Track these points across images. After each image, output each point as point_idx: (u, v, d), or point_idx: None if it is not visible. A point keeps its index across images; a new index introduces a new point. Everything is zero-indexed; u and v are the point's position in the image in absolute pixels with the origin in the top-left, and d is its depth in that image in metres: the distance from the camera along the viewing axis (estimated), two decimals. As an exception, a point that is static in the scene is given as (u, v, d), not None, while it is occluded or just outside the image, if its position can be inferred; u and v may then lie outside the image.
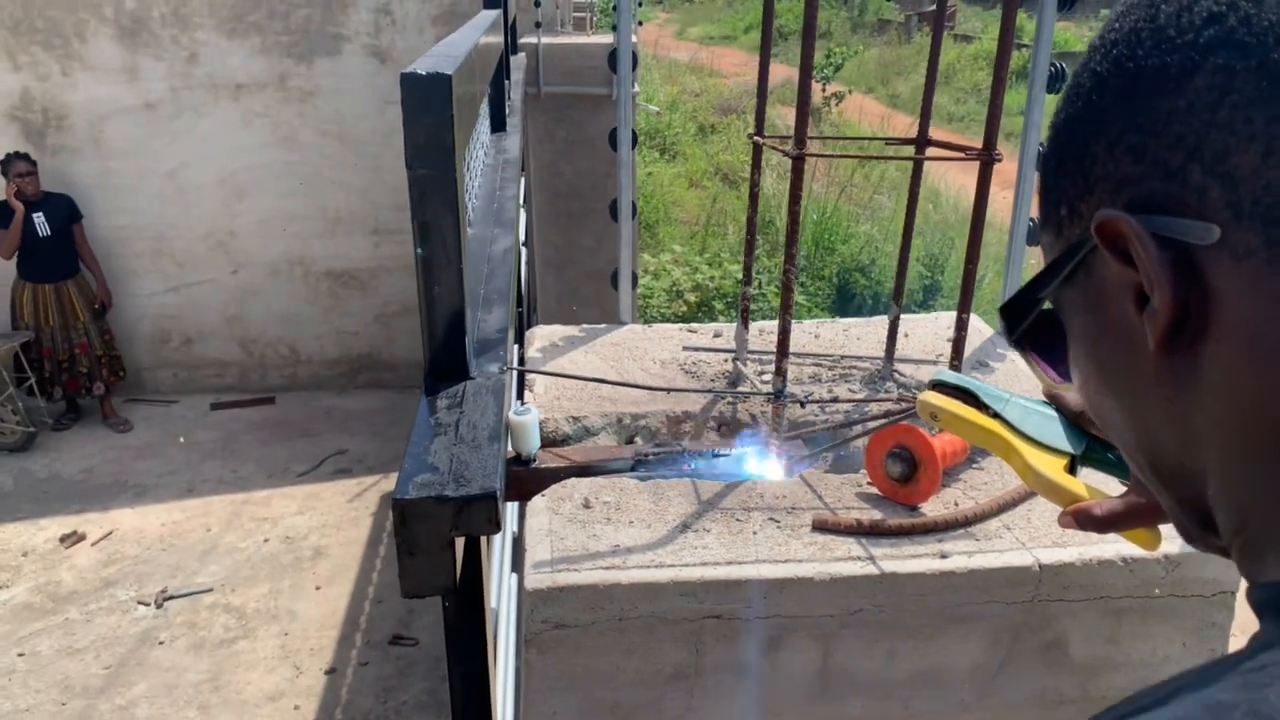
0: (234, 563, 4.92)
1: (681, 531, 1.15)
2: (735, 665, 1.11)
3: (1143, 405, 0.50)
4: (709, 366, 1.59)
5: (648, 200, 11.08)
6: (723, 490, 1.26)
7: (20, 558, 4.93)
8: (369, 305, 6.68)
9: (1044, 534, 1.19)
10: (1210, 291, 0.44)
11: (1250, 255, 0.43)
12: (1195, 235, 0.44)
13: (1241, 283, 0.43)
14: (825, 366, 1.58)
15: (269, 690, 4.10)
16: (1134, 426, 0.52)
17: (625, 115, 1.98)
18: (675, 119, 13.87)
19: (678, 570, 1.09)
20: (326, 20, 6.06)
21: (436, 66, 1.27)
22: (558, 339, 1.70)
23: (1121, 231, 0.46)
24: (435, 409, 1.27)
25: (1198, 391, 0.46)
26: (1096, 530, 0.85)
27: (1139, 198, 0.46)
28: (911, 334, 1.75)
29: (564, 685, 1.11)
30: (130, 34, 5.94)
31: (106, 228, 6.21)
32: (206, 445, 6.04)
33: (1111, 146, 0.48)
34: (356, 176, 6.32)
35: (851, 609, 1.09)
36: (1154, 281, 0.45)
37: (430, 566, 1.10)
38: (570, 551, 1.14)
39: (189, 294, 6.52)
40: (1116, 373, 0.51)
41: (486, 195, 2.41)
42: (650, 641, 1.08)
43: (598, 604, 1.07)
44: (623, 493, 1.24)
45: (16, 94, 5.96)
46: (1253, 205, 0.42)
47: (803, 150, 1.16)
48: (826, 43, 20.21)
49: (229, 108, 6.15)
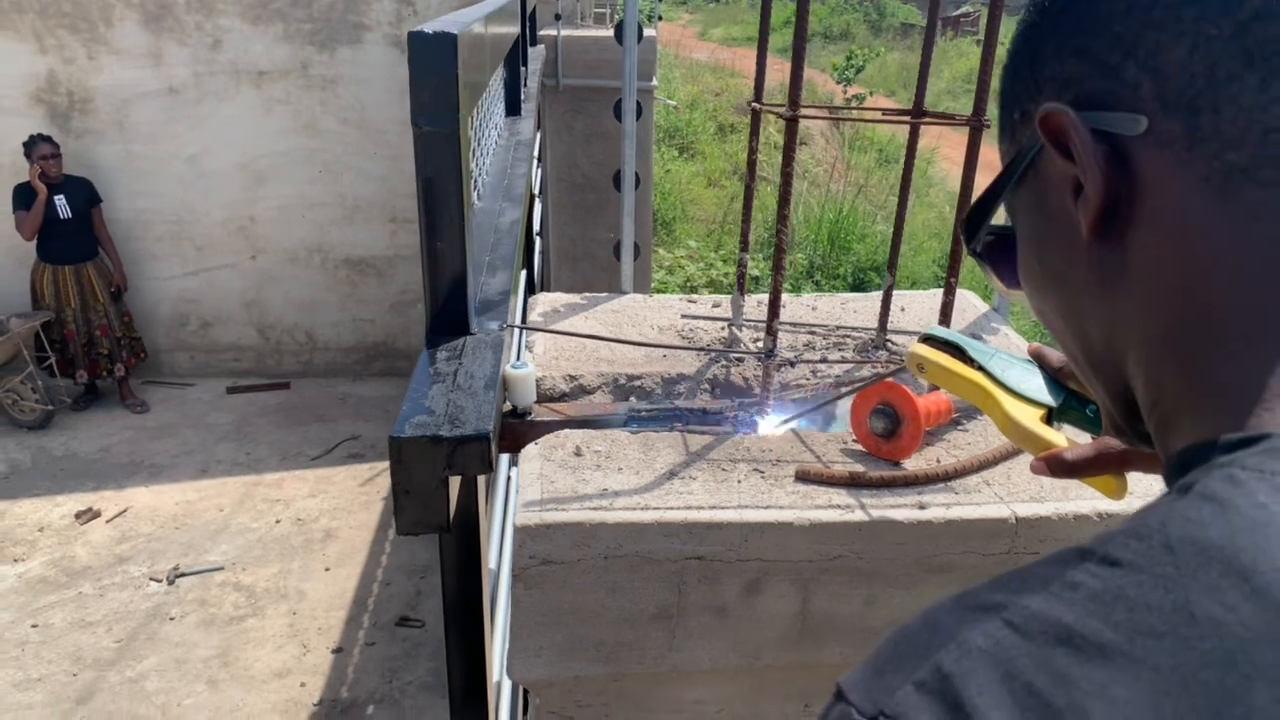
0: (245, 542, 4.97)
1: (668, 478, 1.19)
2: (716, 607, 1.14)
3: (1077, 297, 0.54)
4: (705, 333, 1.62)
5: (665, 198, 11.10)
6: (711, 443, 1.29)
7: (36, 533, 5.00)
8: (385, 293, 6.74)
9: (1022, 489, 1.22)
10: (1137, 180, 0.48)
11: (1173, 143, 0.46)
12: (1126, 126, 0.47)
13: (1165, 170, 0.47)
14: (820, 336, 1.61)
15: (276, 667, 4.15)
16: (1069, 320, 0.56)
17: (630, 85, 2.02)
18: (695, 118, 13.88)
19: (662, 512, 1.12)
20: (349, 9, 6.12)
21: (444, 27, 1.31)
22: (560, 305, 1.74)
23: (1061, 124, 0.49)
24: (435, 360, 1.31)
25: (1124, 278, 0.50)
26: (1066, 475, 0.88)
27: (1081, 95, 0.50)
28: (909, 308, 1.77)
29: (550, 621, 1.14)
30: (155, 19, 6.01)
31: (128, 211, 6.29)
32: (222, 428, 6.11)
33: (1059, 49, 0.51)
34: (375, 165, 6.38)
35: (830, 555, 1.12)
36: (1086, 169, 0.48)
37: (424, 505, 1.14)
38: (560, 493, 1.17)
39: (208, 278, 6.59)
40: (1055, 268, 0.55)
41: (498, 173, 2.45)
42: (635, 580, 1.12)
43: (584, 541, 1.10)
44: (614, 443, 1.28)
45: (43, 77, 6.04)
46: (1177, 97, 0.46)
47: (796, 112, 1.19)
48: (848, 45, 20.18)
49: (251, 94, 6.22)
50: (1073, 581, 0.37)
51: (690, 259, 9.44)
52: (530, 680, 1.19)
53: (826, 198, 11.21)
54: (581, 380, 1.45)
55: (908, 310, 1.74)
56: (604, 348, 1.51)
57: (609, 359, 1.50)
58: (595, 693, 1.23)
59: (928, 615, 0.41)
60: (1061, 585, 0.37)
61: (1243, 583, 0.34)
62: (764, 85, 1.43)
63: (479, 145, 2.14)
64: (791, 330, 1.60)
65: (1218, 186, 0.45)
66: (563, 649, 1.15)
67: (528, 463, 1.23)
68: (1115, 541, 0.38)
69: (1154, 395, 0.50)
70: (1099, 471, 0.87)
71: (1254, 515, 0.36)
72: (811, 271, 9.98)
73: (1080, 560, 0.38)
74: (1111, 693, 0.34)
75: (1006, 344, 1.63)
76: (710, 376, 1.47)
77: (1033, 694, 0.34)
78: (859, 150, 13.91)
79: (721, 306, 1.72)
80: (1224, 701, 0.32)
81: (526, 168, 2.52)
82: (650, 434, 1.29)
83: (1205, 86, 0.45)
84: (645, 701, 1.25)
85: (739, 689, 1.23)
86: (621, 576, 1.10)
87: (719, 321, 1.65)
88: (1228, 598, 0.34)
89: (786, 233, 1.21)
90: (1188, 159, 0.46)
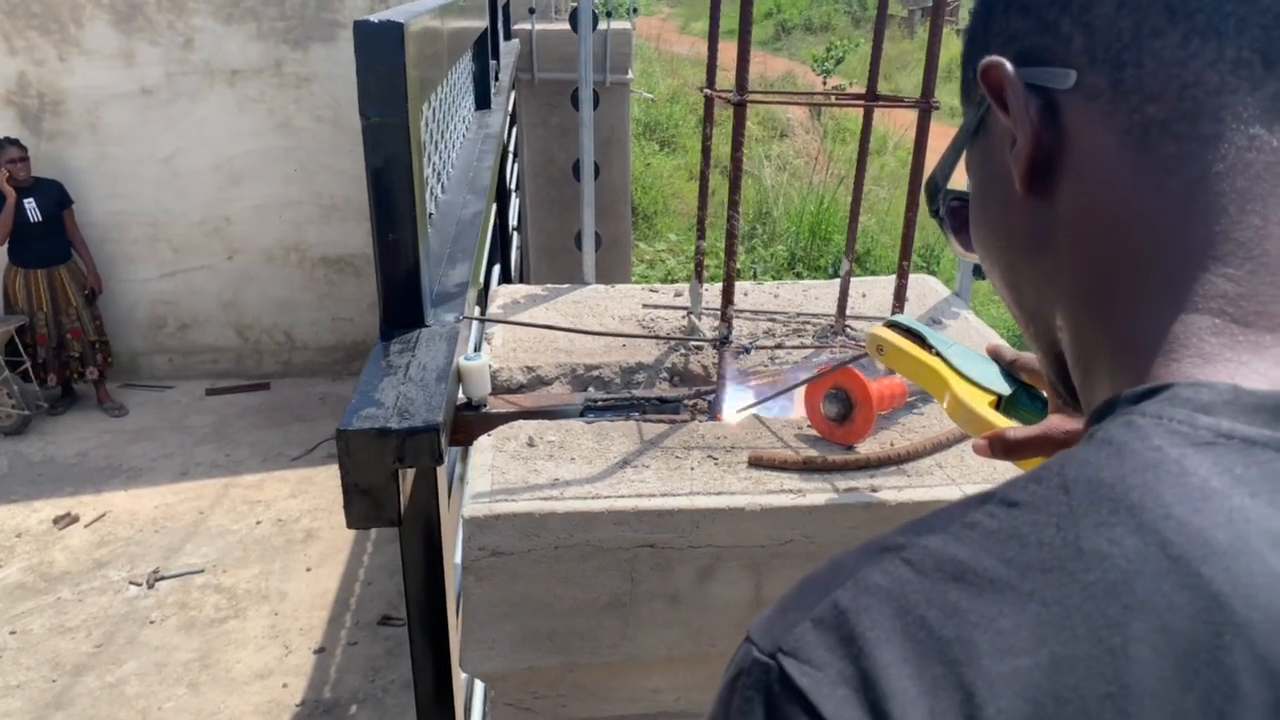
0: (226, 544, 4.95)
1: (621, 467, 1.18)
2: (669, 594, 1.13)
3: (1015, 254, 0.54)
4: (666, 322, 1.62)
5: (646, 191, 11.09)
6: (665, 431, 1.28)
7: (14, 539, 4.96)
8: (364, 292, 6.71)
9: (975, 472, 1.21)
10: (1066, 133, 0.49)
11: (1099, 96, 0.47)
12: (1057, 80, 0.48)
13: (1090, 123, 0.48)
14: (780, 323, 1.60)
15: (258, 669, 4.13)
16: (1007, 278, 0.56)
17: (586, 75, 2.01)
18: (676, 111, 13.87)
19: (613, 500, 1.11)
20: (322, 7, 6.08)
21: (392, 17, 1.30)
22: (520, 296, 1.73)
23: (998, 77, 0.50)
24: (388, 352, 1.30)
25: (1052, 233, 0.50)
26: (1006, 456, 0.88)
27: (1021, 51, 0.51)
28: (869, 294, 1.77)
29: (502, 613, 1.13)
30: (126, 19, 5.96)
31: (102, 213, 6.24)
32: (201, 430, 6.07)
33: (1007, 6, 0.52)
34: (352, 163, 6.34)
35: (782, 540, 1.11)
36: (1017, 121, 0.49)
37: (374, 499, 1.13)
38: (510, 484, 1.16)
39: (185, 279, 6.55)
40: (996, 225, 0.56)
41: (464, 166, 2.43)
42: (586, 570, 1.11)
43: (533, 532, 1.09)
44: (568, 434, 1.27)
45: (13, 79, 5.99)
46: (1105, 50, 0.47)
47: (744, 97, 1.18)
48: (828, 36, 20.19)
49: (225, 93, 6.18)
50: (971, 522, 0.39)
51: (671, 252, 9.43)
52: (484, 673, 1.18)
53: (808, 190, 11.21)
54: (539, 371, 1.44)
55: (869, 296, 1.74)
56: (563, 339, 1.50)
57: (567, 349, 1.49)
58: (551, 684, 1.22)
59: (834, 559, 0.42)
60: (960, 526, 0.39)
61: (1130, 519, 0.36)
62: (715, 72, 1.42)
63: (442, 138, 2.13)
64: (751, 318, 1.60)
65: (1137, 139, 0.46)
66: (515, 641, 1.14)
67: (479, 454, 1.22)
68: (1015, 485, 0.40)
69: (1077, 351, 0.51)
70: (1040, 453, 0.87)
71: (1147, 457, 0.38)
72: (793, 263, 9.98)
73: (981, 504, 0.39)
74: (999, 624, 0.35)
75: (967, 328, 1.63)
76: (669, 365, 1.47)
77: (924, 627, 0.36)
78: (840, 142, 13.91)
79: (683, 296, 1.71)
80: (1105, 630, 0.34)
81: (493, 160, 2.51)
82: (606, 423, 1.28)
83: (1131, 40, 0.46)
84: (602, 691, 1.24)
85: (695, 677, 1.23)
86: (572, 566, 1.09)
87: (679, 310, 1.64)
88: (1114, 533, 0.35)
89: (738, 219, 1.20)
90: (1111, 112, 0.47)
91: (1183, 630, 0.33)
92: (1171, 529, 0.35)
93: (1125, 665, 0.33)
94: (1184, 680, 0.33)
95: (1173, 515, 0.35)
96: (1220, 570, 0.34)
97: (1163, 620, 0.34)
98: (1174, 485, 0.36)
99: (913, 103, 1.29)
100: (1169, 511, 0.36)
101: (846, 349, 1.43)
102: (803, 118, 14.60)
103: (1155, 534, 0.35)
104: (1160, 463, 0.37)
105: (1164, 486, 0.36)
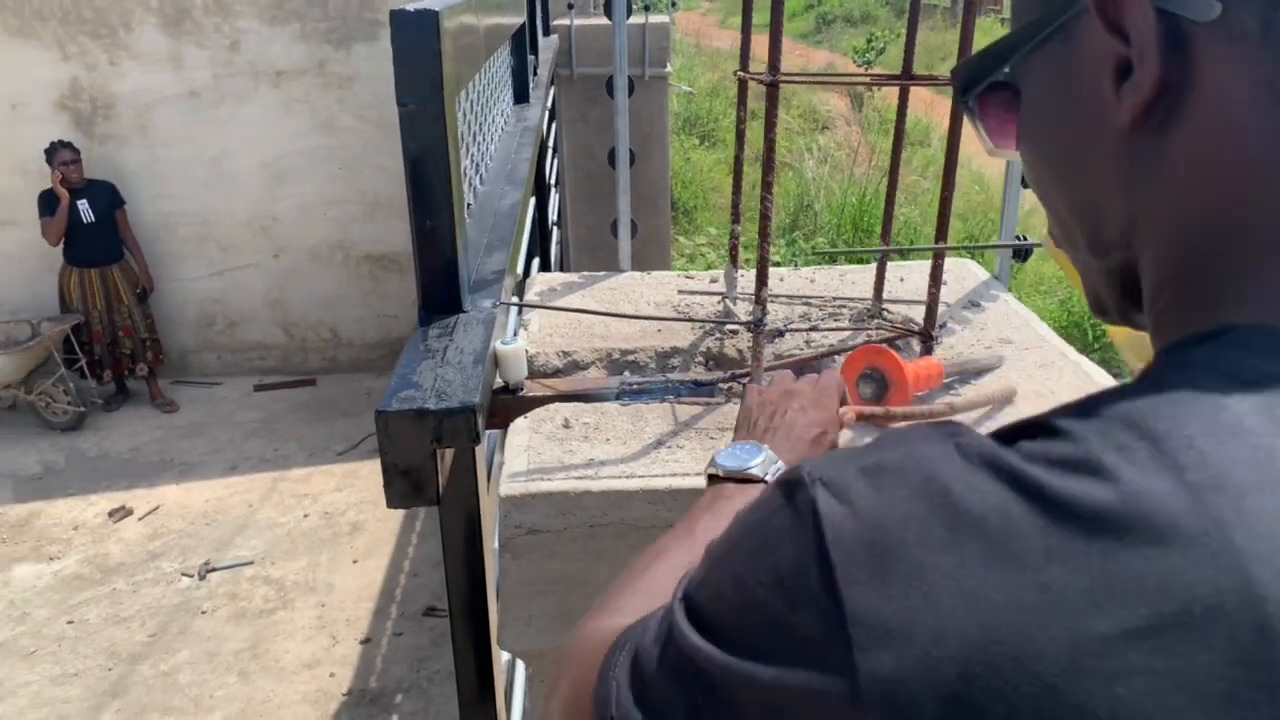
0: (274, 537, 5.03)
1: (655, 448, 1.19)
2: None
3: (1095, 178, 0.50)
4: (701, 308, 1.62)
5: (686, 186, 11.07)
6: (700, 413, 1.29)
7: (71, 531, 5.09)
8: (408, 289, 6.78)
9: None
10: (1195, 72, 0.44)
11: (1244, 38, 0.42)
12: (1197, 10, 0.43)
13: (1228, 65, 0.43)
14: (816, 307, 1.60)
15: (306, 658, 4.20)
16: (1078, 198, 0.53)
17: (621, 63, 2.02)
18: (716, 105, 13.82)
19: (647, 480, 1.12)
20: (364, 6, 6.15)
21: (425, 5, 1.32)
22: (556, 284, 1.74)
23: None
24: (426, 337, 1.32)
25: (1155, 170, 0.47)
26: None
27: None
28: (907, 279, 1.76)
29: (539, 590, 1.15)
30: (174, 23, 6.08)
31: (153, 214, 6.37)
32: (249, 425, 6.18)
33: None
34: (395, 161, 6.35)
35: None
36: (1144, 54, 0.44)
37: (413, 479, 1.15)
38: (546, 464, 1.17)
39: (233, 278, 6.66)
40: (1072, 144, 0.51)
41: (502, 158, 2.46)
42: (621, 548, 1.12)
43: (569, 510, 1.11)
44: (603, 415, 1.28)
45: (66, 83, 6.13)
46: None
47: (776, 77, 1.19)
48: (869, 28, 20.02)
49: (270, 94, 6.27)
50: (1019, 444, 0.40)
51: (711, 246, 9.41)
52: (521, 650, 1.20)
53: (850, 182, 11.13)
54: (575, 356, 1.46)
55: (907, 280, 1.73)
56: (599, 324, 1.51)
57: (603, 335, 1.50)
58: (589, 662, 1.23)
59: (905, 430, 0.45)
60: (1010, 444, 0.40)
61: (1153, 445, 0.36)
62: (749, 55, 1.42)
63: (480, 130, 2.15)
64: (787, 303, 1.60)
65: (1278, 94, 0.42)
66: (552, 618, 1.15)
67: (515, 436, 1.24)
68: (1060, 411, 0.41)
69: (1156, 293, 0.49)
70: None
71: (1186, 391, 0.38)
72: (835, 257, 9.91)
73: (1031, 428, 0.41)
74: (1009, 509, 0.37)
75: (1007, 311, 1.61)
76: (704, 349, 1.47)
77: (947, 500, 0.38)
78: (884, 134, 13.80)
79: (718, 281, 1.72)
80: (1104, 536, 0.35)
81: (531, 152, 2.53)
82: (641, 406, 1.29)
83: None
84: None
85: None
86: (608, 544, 1.11)
87: (715, 295, 1.64)
88: (1136, 456, 0.36)
89: (771, 199, 1.21)
90: (1256, 58, 0.42)
91: (1179, 548, 0.34)
92: (1192, 458, 0.36)
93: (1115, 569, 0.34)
94: (1167, 593, 0.34)
95: (1195, 446, 0.36)
96: (1231, 500, 0.34)
97: (1161, 534, 0.34)
98: (1205, 419, 0.37)
99: (947, 80, 1.28)
100: (1192, 442, 0.36)
101: (882, 331, 1.43)
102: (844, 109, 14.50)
103: (1174, 461, 0.36)
104: (1197, 398, 0.38)
105: (1194, 419, 0.37)
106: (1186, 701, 0.33)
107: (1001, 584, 0.36)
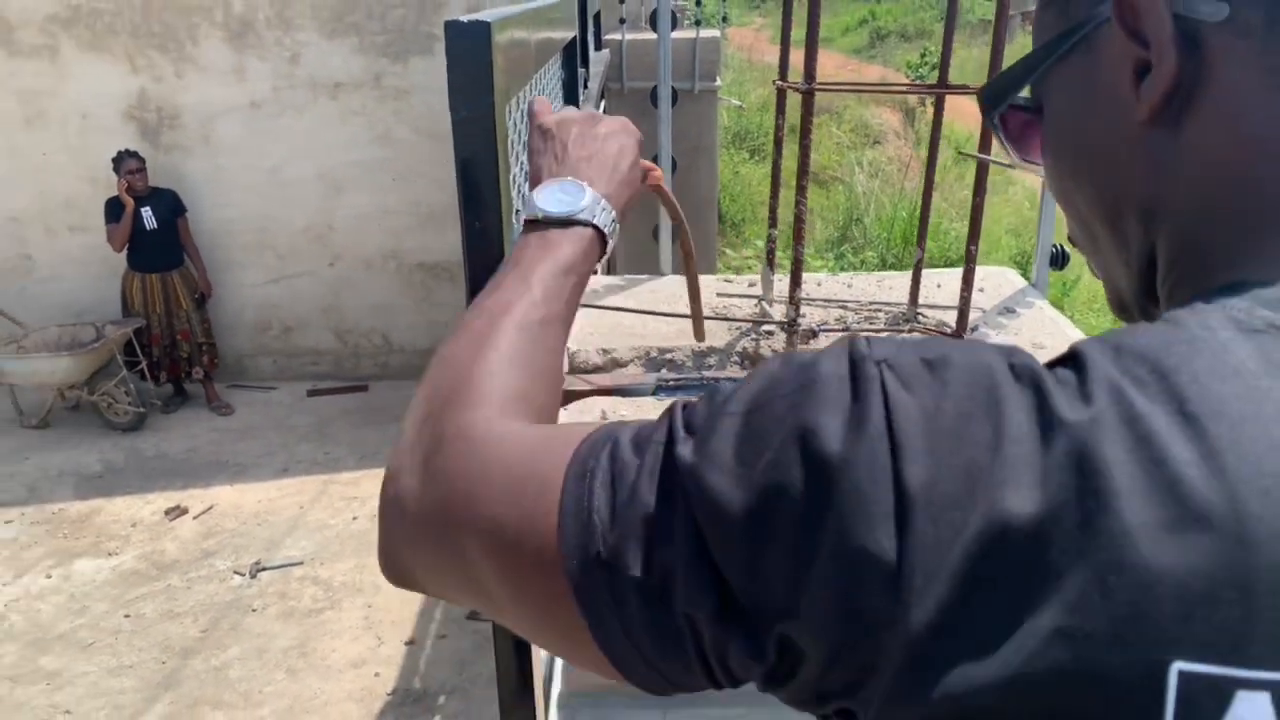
0: (323, 538, 5.13)
1: (689, 440, 1.23)
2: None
3: (1116, 174, 0.54)
4: (739, 310, 1.66)
5: (734, 200, 11.11)
6: (734, 408, 1.33)
7: (129, 528, 5.23)
8: (458, 297, 6.87)
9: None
10: (1206, 66, 0.48)
11: (1250, 34, 0.47)
12: (1208, 12, 0.47)
13: (1237, 59, 0.48)
14: (852, 311, 1.64)
15: (352, 658, 4.27)
16: (1101, 195, 0.56)
17: (664, 74, 2.07)
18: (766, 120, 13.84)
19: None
20: (420, 20, 6.28)
21: (478, 17, 1.38)
22: (599, 285, 1.79)
23: (1138, 4, 0.49)
24: (471, 334, 1.37)
25: (1172, 157, 0.51)
26: None
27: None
28: (944, 285, 1.78)
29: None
30: (238, 36, 6.25)
31: (213, 221, 6.54)
32: (302, 429, 6.30)
33: None
34: (447, 172, 6.47)
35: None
36: (1162, 55, 0.49)
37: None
38: (583, 454, 1.22)
39: (289, 285, 6.81)
40: (1095, 144, 0.55)
41: (550, 167, 2.52)
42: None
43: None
44: (639, 409, 1.32)
45: (134, 95, 6.33)
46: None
47: (812, 85, 1.22)
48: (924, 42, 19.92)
49: (328, 106, 6.42)
50: (1054, 372, 0.43)
51: (758, 259, 9.43)
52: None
53: (900, 196, 11.09)
54: (615, 354, 1.50)
55: (943, 286, 1.76)
56: (638, 324, 1.56)
57: (642, 334, 1.54)
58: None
59: (969, 341, 0.49)
60: (1049, 370, 0.43)
61: (1160, 379, 0.40)
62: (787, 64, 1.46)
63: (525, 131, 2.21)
64: (824, 306, 1.63)
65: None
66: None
67: (555, 427, 1.29)
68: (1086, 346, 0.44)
69: (1169, 268, 0.53)
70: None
71: (1195, 333, 0.42)
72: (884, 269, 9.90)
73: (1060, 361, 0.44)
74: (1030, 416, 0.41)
75: (1042, 318, 1.63)
76: (740, 349, 1.51)
77: (992, 401, 0.42)
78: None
79: (756, 286, 1.76)
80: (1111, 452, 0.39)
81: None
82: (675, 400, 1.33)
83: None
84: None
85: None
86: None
87: (752, 298, 1.68)
88: (1148, 391, 0.40)
89: (805, 203, 1.24)
90: (1262, 51, 0.47)
91: (1174, 469, 0.38)
92: (1194, 392, 0.39)
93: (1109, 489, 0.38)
94: (1159, 500, 0.38)
95: (1199, 381, 0.40)
96: (1226, 429, 0.38)
97: (1161, 454, 0.38)
98: (1210, 358, 0.41)
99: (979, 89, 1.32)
100: (1196, 377, 0.40)
101: (915, 334, 1.46)
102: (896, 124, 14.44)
103: (1178, 393, 0.39)
104: (1205, 339, 0.41)
105: (1200, 358, 0.41)
106: (1168, 594, 0.37)
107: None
